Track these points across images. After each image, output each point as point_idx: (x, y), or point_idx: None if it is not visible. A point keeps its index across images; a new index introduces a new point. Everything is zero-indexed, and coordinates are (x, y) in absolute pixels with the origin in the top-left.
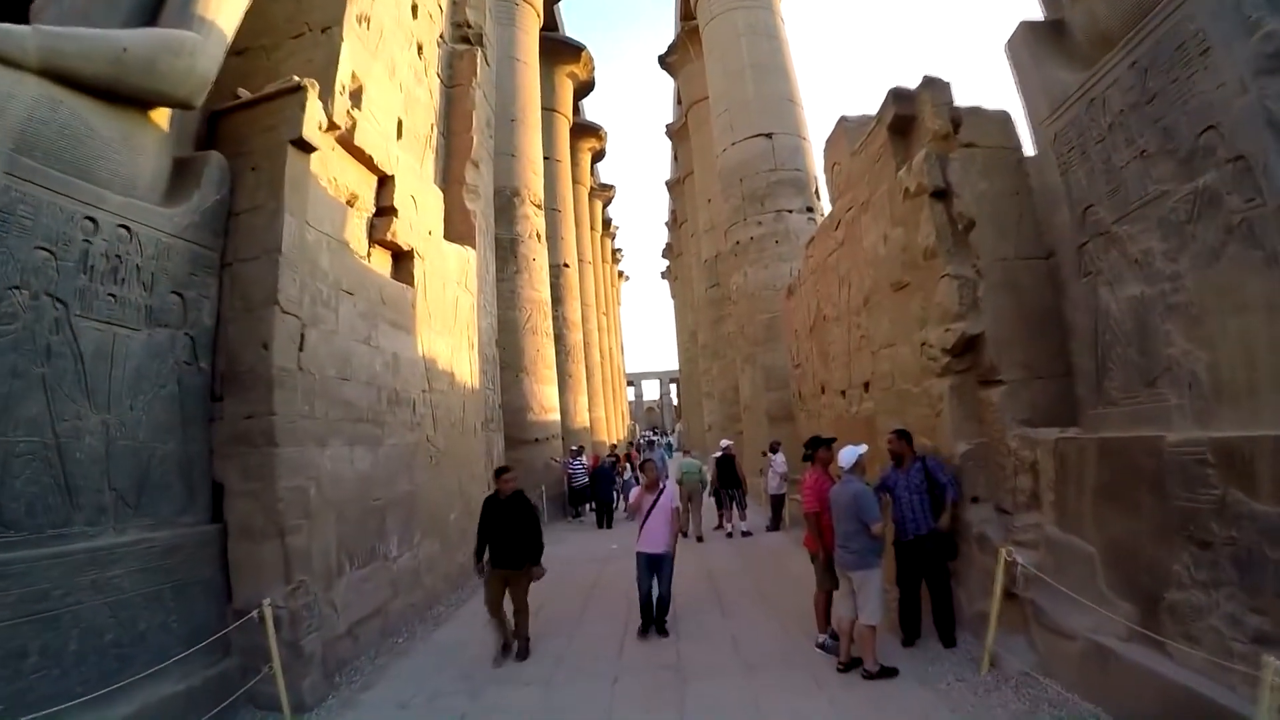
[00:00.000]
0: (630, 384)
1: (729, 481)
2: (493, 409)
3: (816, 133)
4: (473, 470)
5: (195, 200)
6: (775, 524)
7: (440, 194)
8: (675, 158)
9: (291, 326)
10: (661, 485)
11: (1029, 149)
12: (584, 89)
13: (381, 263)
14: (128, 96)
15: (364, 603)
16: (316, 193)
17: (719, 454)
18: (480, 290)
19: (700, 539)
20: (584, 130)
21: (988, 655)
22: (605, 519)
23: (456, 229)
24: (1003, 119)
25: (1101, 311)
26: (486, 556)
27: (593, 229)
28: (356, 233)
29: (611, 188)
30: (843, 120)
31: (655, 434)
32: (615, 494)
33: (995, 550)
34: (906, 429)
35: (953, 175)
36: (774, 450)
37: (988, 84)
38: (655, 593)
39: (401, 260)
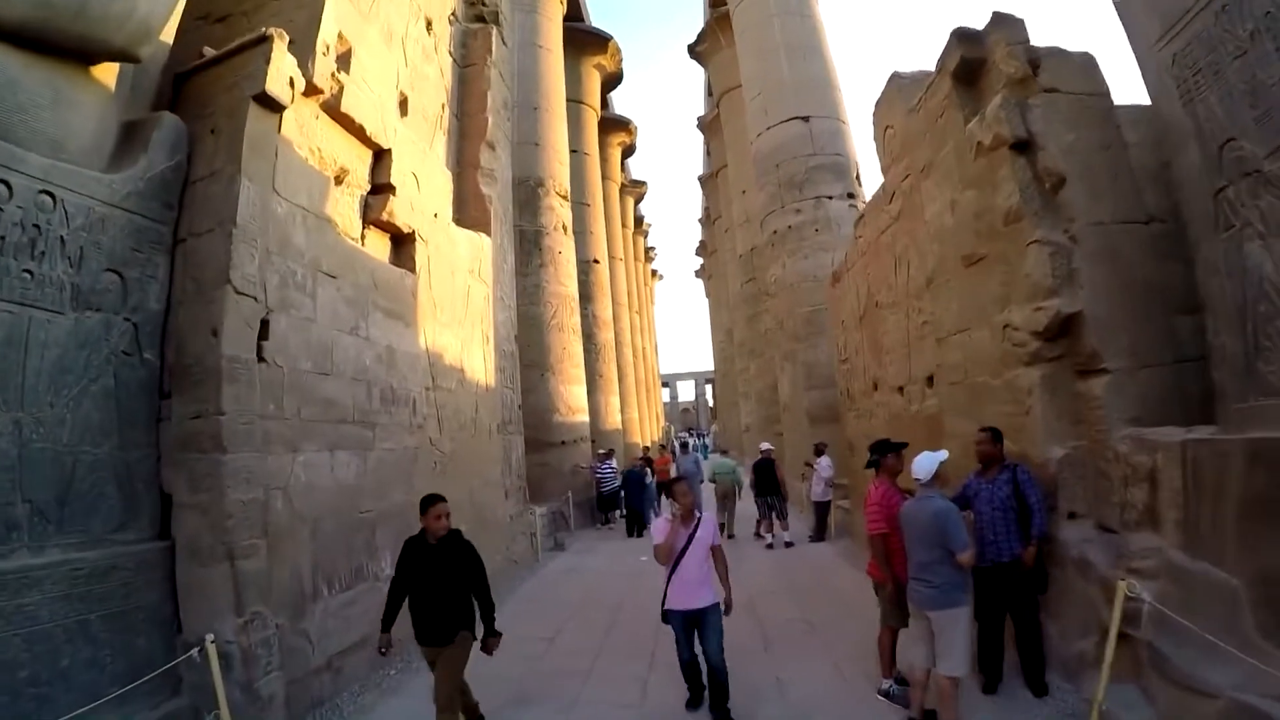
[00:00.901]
0: (665, 385)
1: (768, 488)
2: (511, 409)
3: (855, 117)
4: (487, 476)
5: (141, 166)
6: (820, 534)
7: (449, 175)
8: (708, 152)
9: (248, 310)
10: (697, 515)
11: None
12: (612, 81)
13: (378, 247)
14: (58, 45)
15: (348, 631)
16: (290, 160)
17: (758, 459)
18: (497, 281)
19: (731, 536)
20: (613, 124)
21: (1096, 711)
22: (637, 528)
23: (471, 215)
24: (1087, 61)
25: (1251, 275)
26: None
27: (624, 226)
28: (345, 211)
29: (643, 184)
30: (895, 76)
31: (690, 434)
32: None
33: (1100, 578)
34: (997, 428)
35: (1035, 124)
36: (819, 453)
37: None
38: (702, 663)
39: (402, 244)
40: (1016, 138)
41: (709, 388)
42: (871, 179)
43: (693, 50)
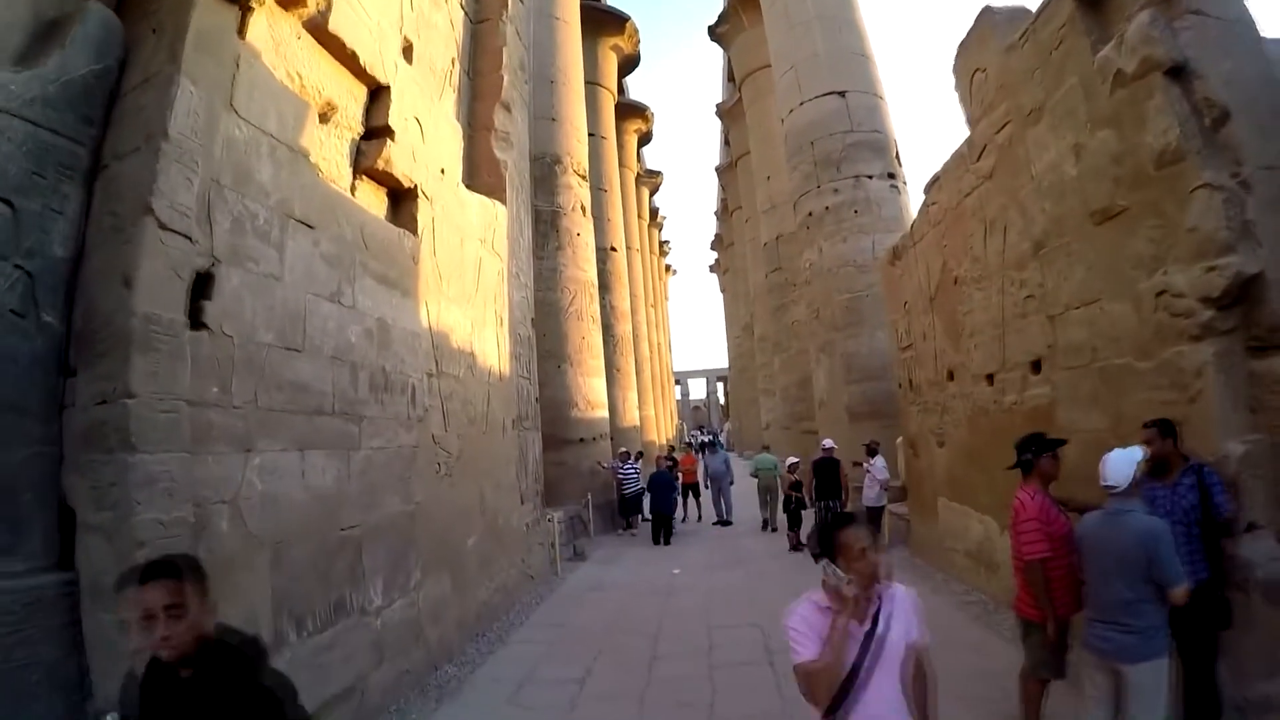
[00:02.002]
0: (676, 382)
1: (830, 491)
2: (528, 402)
3: (892, 93)
4: (500, 479)
5: (53, 66)
6: None
7: (458, 128)
8: (726, 141)
9: (179, 254)
10: (880, 591)
11: None
12: (629, 64)
13: (373, 202)
14: None
15: (325, 682)
16: (257, 75)
17: (819, 457)
18: (512, 255)
19: (775, 529)
20: (629, 110)
21: None
22: (664, 534)
23: (483, 180)
24: None
25: None
26: None
27: (640, 217)
28: (330, 152)
29: (659, 174)
30: (987, 12)
31: (702, 432)
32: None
33: None
34: (1169, 420)
35: (1188, 48)
36: (872, 453)
37: None
38: None
39: (402, 202)
40: (1173, 61)
41: (720, 385)
42: (912, 159)
43: (713, 32)
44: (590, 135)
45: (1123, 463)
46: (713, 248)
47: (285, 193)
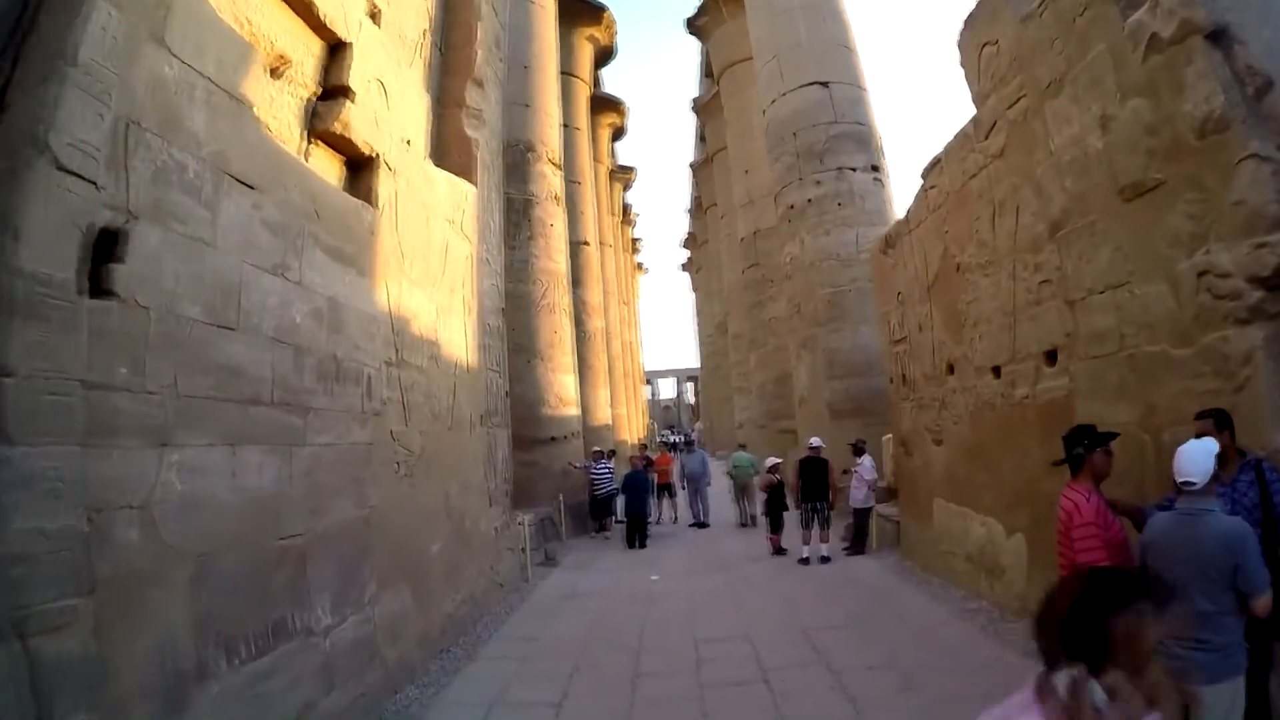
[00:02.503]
0: (646, 382)
1: (817, 492)
2: (497, 398)
3: (875, 86)
4: (467, 479)
5: None
6: (859, 546)
7: (426, 99)
8: (701, 137)
9: (79, 201)
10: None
11: None
12: (605, 56)
13: (328, 169)
14: None
15: (265, 714)
16: (194, 6)
17: (805, 456)
18: (482, 239)
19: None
20: (604, 103)
21: None
22: (639, 537)
23: (453, 159)
24: None
25: None
26: None
27: (612, 213)
28: (282, 111)
29: (632, 170)
30: None
31: (672, 432)
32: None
33: None
34: (1223, 410)
35: (1228, 13)
36: (859, 452)
37: None
38: None
39: (361, 172)
40: (1213, 25)
41: (690, 386)
42: (895, 152)
43: (691, 24)
44: (564, 126)
45: (1201, 455)
46: (685, 245)
47: (223, 145)
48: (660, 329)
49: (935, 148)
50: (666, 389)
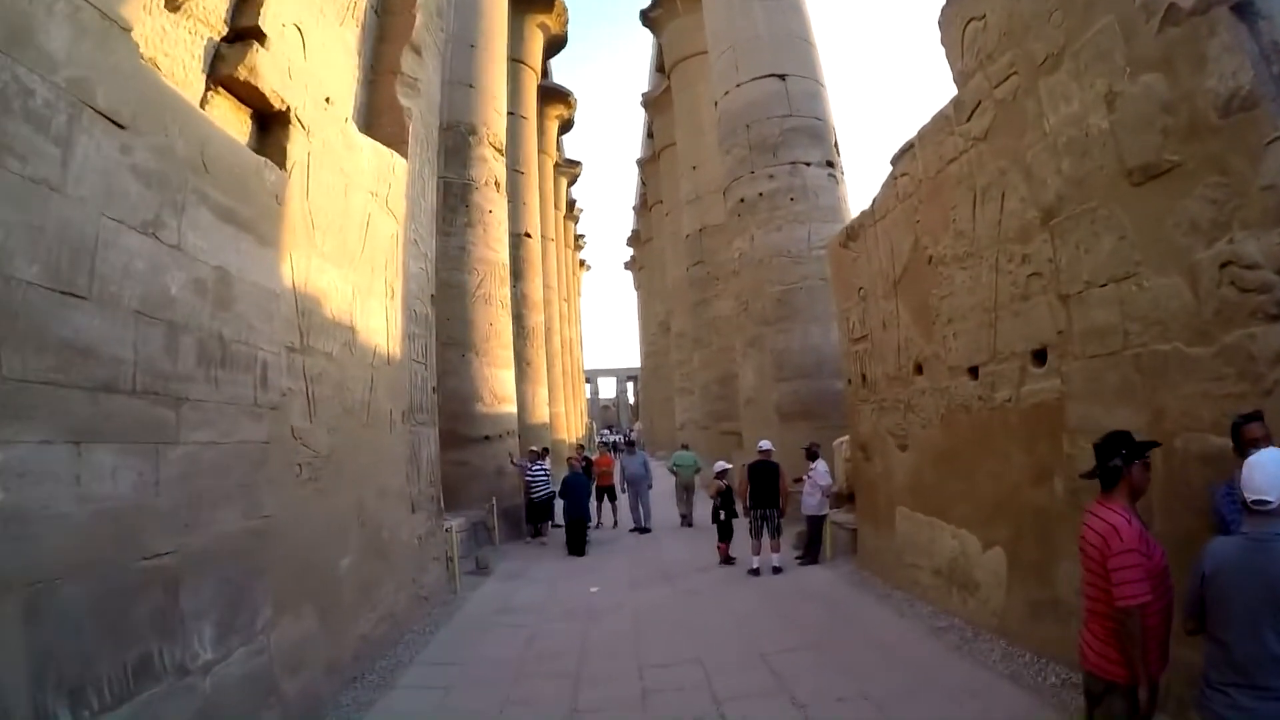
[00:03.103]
0: (587, 381)
1: (767, 498)
2: (424, 392)
3: (833, 81)
4: (386, 484)
5: None
6: (813, 555)
7: (354, 57)
8: (650, 134)
9: None
10: None
11: None
12: (555, 45)
13: (231, 122)
14: None
15: None
16: None
17: (754, 461)
18: (411, 218)
19: (690, 524)
20: (553, 94)
21: None
22: (578, 543)
23: (383, 129)
24: None
25: None
26: None
27: (556, 207)
28: (176, 49)
29: (578, 164)
30: None
31: (611, 432)
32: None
33: None
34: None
35: None
36: (813, 456)
37: None
38: None
39: (271, 129)
40: None
41: (630, 385)
42: (852, 149)
43: (645, 16)
44: (510, 114)
45: (1276, 467)
46: (629, 243)
47: (86, 72)
48: (602, 328)
49: (890, 149)
50: (607, 388)
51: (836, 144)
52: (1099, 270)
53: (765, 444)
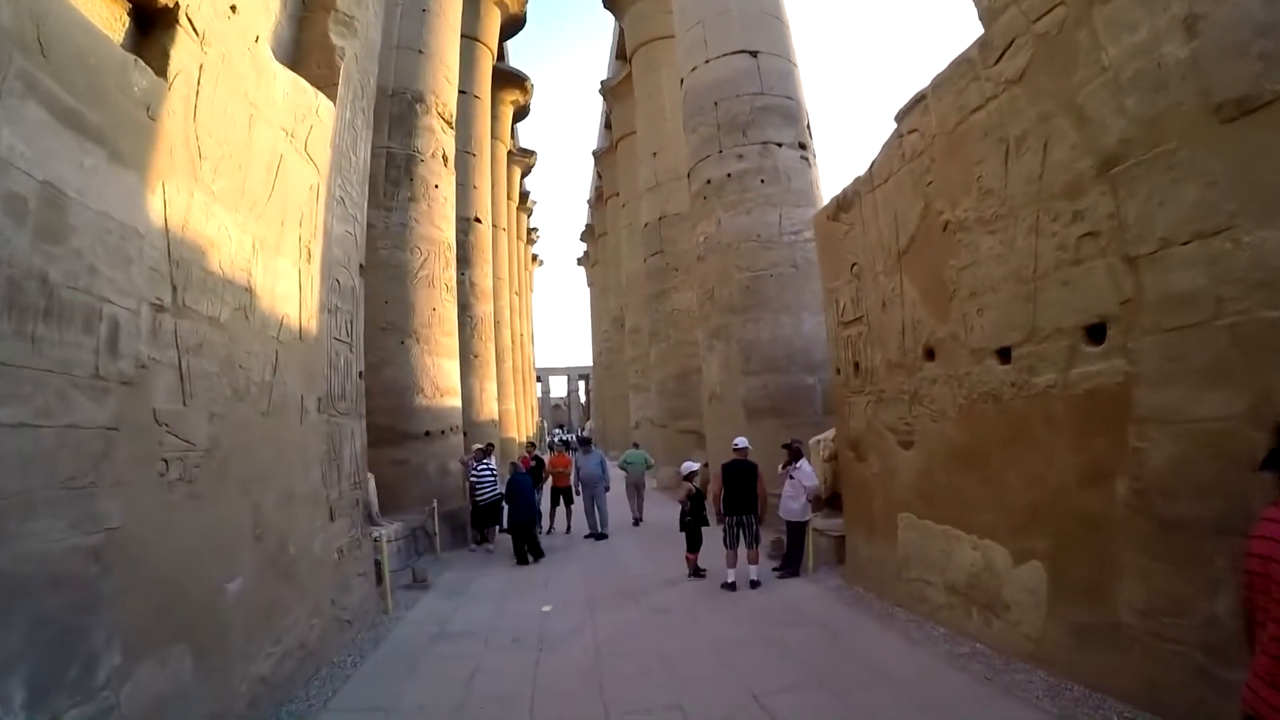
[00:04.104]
0: (538, 379)
1: (744, 503)
2: (347, 377)
3: (806, 62)
4: (290, 486)
5: None
6: (793, 566)
7: None
8: (607, 124)
9: None
10: None
11: None
12: (513, 25)
13: (101, 16)
14: None
15: None
16: None
17: (730, 461)
18: (337, 172)
19: (639, 521)
20: (508, 78)
21: None
22: (528, 549)
23: (311, 70)
24: None
25: None
26: None
27: (509, 197)
28: None
29: (533, 154)
30: None
31: (561, 430)
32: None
33: None
34: None
35: None
36: (796, 455)
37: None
38: None
39: (154, 32)
40: None
41: (582, 384)
42: (825, 132)
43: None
44: (463, 92)
45: None
46: (582, 239)
47: None
48: (554, 326)
49: (860, 137)
50: (558, 387)
51: (809, 127)
52: (1179, 225)
53: (741, 441)
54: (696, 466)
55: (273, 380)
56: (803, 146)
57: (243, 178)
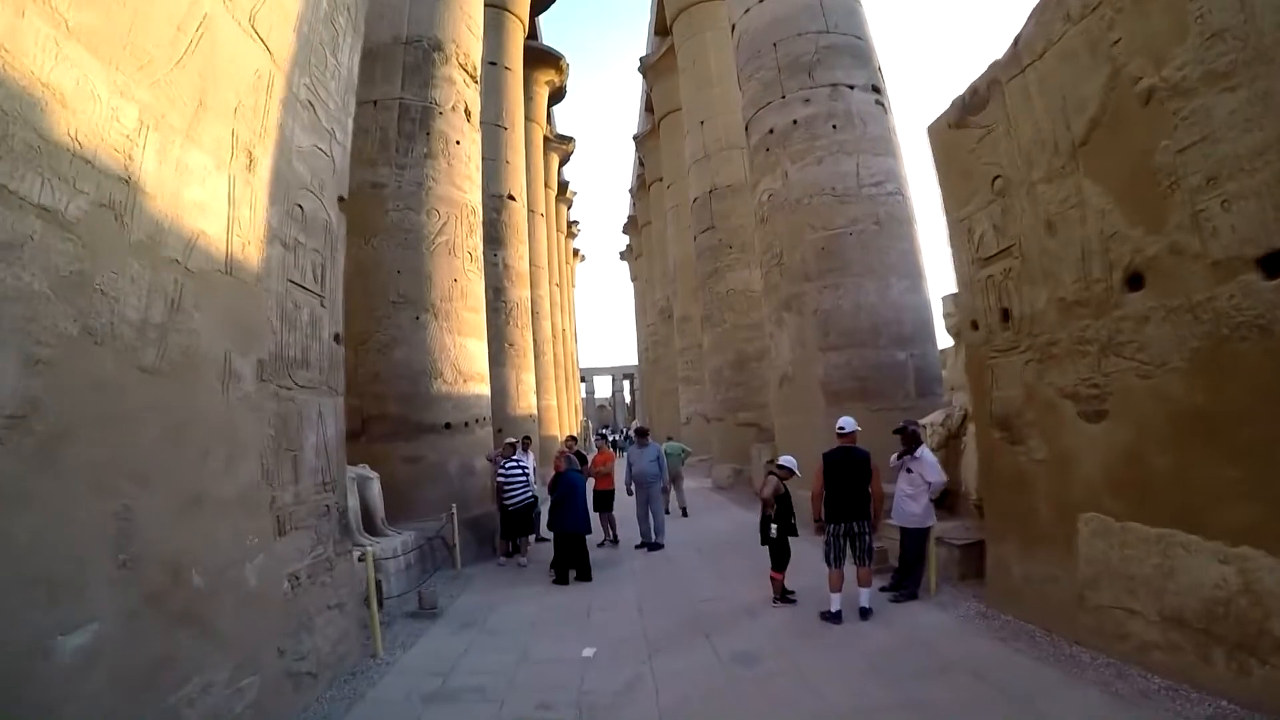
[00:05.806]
0: (582, 379)
1: (851, 507)
2: (312, 337)
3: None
4: (198, 484)
5: None
6: (911, 587)
7: None
8: (648, 107)
9: None
10: None
11: None
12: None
13: None
14: None
15: None
16: None
17: (832, 450)
18: (301, 67)
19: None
20: (541, 57)
21: None
22: (578, 565)
23: None
24: None
25: None
26: None
27: (548, 186)
28: None
29: (570, 140)
30: None
31: (609, 431)
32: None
33: None
34: None
35: None
36: (913, 442)
37: None
38: None
39: None
40: None
41: (627, 384)
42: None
43: None
44: (492, 64)
45: None
46: (625, 230)
47: None
48: (597, 327)
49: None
50: (603, 387)
51: (880, 69)
52: None
53: (848, 422)
54: (790, 461)
55: (167, 323)
56: (876, 90)
57: (128, 19)
